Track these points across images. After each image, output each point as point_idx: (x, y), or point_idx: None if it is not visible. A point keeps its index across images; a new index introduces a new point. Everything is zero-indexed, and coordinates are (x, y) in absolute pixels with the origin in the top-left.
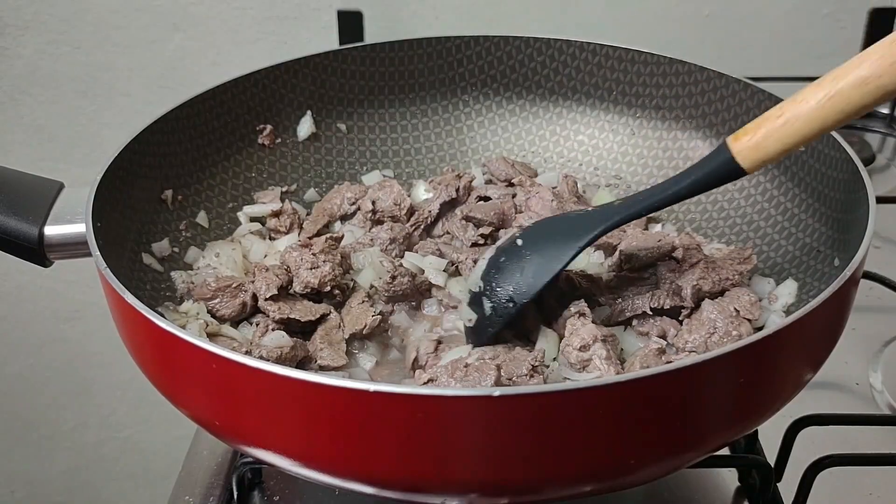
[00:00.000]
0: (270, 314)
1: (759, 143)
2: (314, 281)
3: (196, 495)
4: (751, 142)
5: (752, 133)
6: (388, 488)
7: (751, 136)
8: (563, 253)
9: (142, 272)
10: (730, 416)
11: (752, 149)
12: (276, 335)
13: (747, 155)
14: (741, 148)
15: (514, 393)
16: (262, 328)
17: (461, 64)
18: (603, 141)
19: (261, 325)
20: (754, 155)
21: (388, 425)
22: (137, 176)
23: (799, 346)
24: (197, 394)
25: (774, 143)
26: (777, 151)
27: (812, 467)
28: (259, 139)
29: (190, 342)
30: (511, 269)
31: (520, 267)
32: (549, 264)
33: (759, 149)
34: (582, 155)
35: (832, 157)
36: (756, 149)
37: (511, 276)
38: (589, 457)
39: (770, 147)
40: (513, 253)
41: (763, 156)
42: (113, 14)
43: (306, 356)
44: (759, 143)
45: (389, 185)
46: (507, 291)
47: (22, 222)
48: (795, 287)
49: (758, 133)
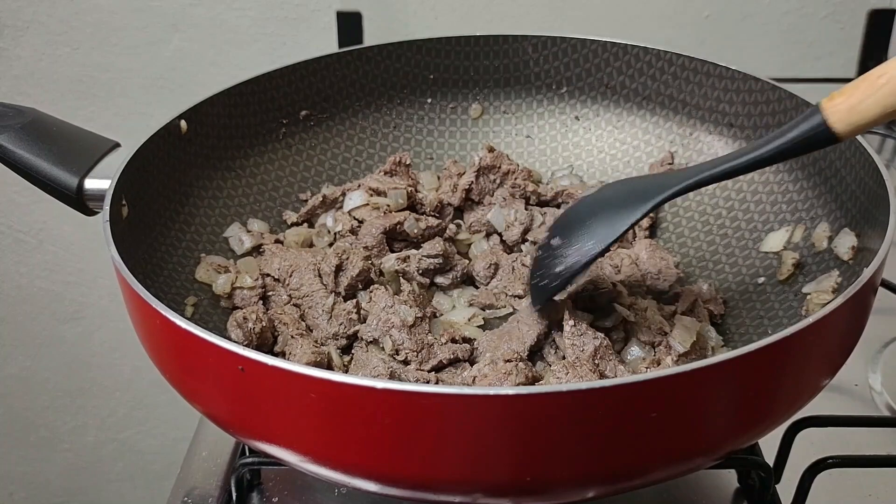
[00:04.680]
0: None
1: (856, 106)
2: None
3: (195, 497)
4: (846, 103)
5: (849, 94)
6: (395, 486)
7: (847, 97)
8: (630, 213)
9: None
10: (744, 420)
11: (848, 111)
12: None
13: (842, 118)
14: (836, 110)
15: (528, 392)
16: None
17: (462, 64)
18: (607, 139)
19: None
20: (850, 118)
21: (399, 423)
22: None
23: (817, 350)
24: (215, 393)
25: (873, 106)
26: (876, 115)
27: (811, 469)
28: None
29: (212, 343)
30: (577, 228)
31: (586, 227)
32: (614, 225)
33: (855, 111)
34: (586, 154)
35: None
36: (852, 111)
37: (577, 233)
38: (598, 459)
39: (868, 110)
40: (580, 212)
41: (859, 119)
42: (112, 15)
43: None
44: (855, 106)
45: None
46: (572, 249)
47: (64, 171)
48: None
49: (855, 94)
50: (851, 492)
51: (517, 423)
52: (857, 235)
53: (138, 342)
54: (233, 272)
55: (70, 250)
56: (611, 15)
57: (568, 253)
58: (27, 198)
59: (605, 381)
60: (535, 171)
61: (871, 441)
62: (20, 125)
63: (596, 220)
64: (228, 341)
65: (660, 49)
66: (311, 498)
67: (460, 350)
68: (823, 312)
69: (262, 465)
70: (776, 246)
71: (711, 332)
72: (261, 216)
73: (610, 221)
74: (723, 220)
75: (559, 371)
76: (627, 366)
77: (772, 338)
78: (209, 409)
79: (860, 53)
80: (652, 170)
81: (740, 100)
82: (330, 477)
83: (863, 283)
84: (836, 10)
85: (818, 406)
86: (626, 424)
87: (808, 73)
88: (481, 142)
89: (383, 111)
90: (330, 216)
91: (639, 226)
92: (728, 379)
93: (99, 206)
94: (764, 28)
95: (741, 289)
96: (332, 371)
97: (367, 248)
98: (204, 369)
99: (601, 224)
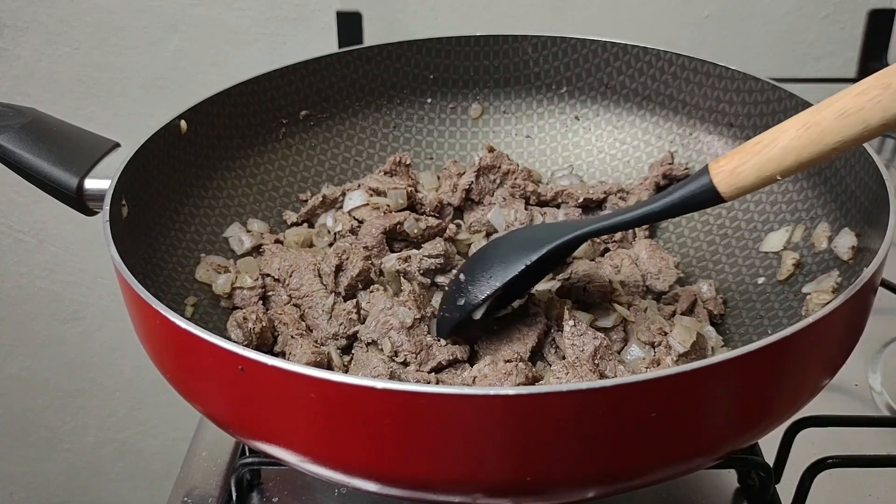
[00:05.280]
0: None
1: (735, 169)
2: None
3: (195, 497)
4: (728, 166)
5: (730, 158)
6: (395, 486)
7: (728, 160)
8: (525, 258)
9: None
10: (744, 420)
11: (730, 174)
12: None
13: (724, 179)
14: (719, 170)
15: (528, 392)
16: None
17: (462, 64)
18: (607, 139)
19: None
20: (732, 180)
21: (399, 423)
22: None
23: (817, 349)
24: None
25: (750, 171)
26: (753, 179)
27: (811, 469)
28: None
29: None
30: (480, 267)
31: (489, 266)
32: (509, 267)
33: (735, 174)
34: (586, 154)
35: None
36: (733, 174)
37: (480, 272)
38: (598, 459)
39: (746, 174)
40: (487, 252)
41: (741, 182)
42: (112, 15)
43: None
44: (734, 169)
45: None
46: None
47: (64, 171)
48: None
49: (734, 158)
50: (851, 492)
51: (517, 423)
52: (857, 235)
53: (138, 342)
54: (233, 272)
55: (70, 250)
56: (611, 15)
57: (470, 289)
58: (27, 198)
59: (605, 381)
60: (535, 171)
61: (871, 441)
62: (20, 125)
63: (498, 261)
64: (228, 341)
65: (660, 49)
66: (311, 498)
67: (459, 351)
68: (823, 312)
69: (262, 465)
70: (776, 246)
71: (711, 332)
72: (261, 216)
73: (507, 263)
74: (723, 220)
75: (559, 371)
76: (627, 366)
77: (772, 338)
78: (209, 410)
79: (860, 53)
80: (652, 170)
81: (740, 100)
82: (330, 477)
83: (863, 283)
84: (836, 10)
85: (818, 406)
86: (626, 424)
87: (808, 73)
88: (481, 142)
89: (383, 111)
90: (330, 216)
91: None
92: (728, 379)
93: (99, 206)
94: (764, 28)
95: (741, 289)
96: (332, 371)
97: (367, 248)
98: (204, 369)
99: (501, 265)
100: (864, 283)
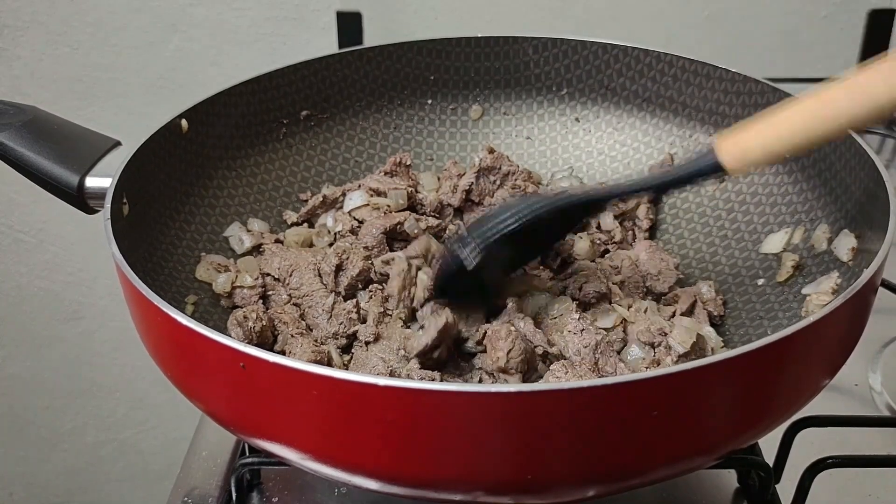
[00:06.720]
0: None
1: (741, 141)
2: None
3: (195, 497)
4: (733, 138)
5: (738, 130)
6: (396, 484)
7: (735, 132)
8: (519, 214)
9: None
10: (745, 419)
11: (736, 147)
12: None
13: (729, 150)
14: (724, 142)
15: (528, 390)
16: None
17: (462, 65)
18: (607, 140)
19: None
20: (735, 150)
21: (400, 420)
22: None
23: (817, 350)
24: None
25: (757, 147)
26: (760, 153)
27: (811, 469)
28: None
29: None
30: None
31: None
32: (505, 221)
33: (742, 148)
34: (586, 156)
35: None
36: (739, 147)
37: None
38: (598, 458)
39: (753, 149)
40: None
41: (749, 157)
42: (112, 15)
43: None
44: (740, 141)
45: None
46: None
47: (65, 169)
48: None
49: (743, 131)
50: (851, 492)
51: (518, 421)
52: (856, 237)
53: (138, 342)
54: (233, 271)
55: (70, 250)
56: (611, 15)
57: (467, 239)
58: (27, 197)
59: (605, 380)
60: (535, 172)
61: (871, 441)
62: (21, 123)
63: (501, 213)
64: (230, 338)
65: (660, 51)
66: (311, 498)
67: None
68: (823, 313)
69: (262, 464)
70: (776, 247)
71: (711, 332)
72: (261, 216)
73: (509, 215)
74: (722, 221)
75: (559, 370)
76: (627, 366)
77: (771, 338)
78: (210, 407)
79: (860, 54)
80: (651, 171)
81: (740, 102)
82: (331, 475)
83: (863, 283)
84: (836, 10)
85: (818, 406)
86: (626, 423)
87: (809, 74)
88: (481, 143)
89: (383, 112)
90: (330, 216)
91: (638, 227)
92: (728, 378)
93: (100, 204)
94: (764, 28)
95: (741, 290)
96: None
97: (367, 248)
98: (205, 366)
99: (503, 217)
100: (864, 284)
